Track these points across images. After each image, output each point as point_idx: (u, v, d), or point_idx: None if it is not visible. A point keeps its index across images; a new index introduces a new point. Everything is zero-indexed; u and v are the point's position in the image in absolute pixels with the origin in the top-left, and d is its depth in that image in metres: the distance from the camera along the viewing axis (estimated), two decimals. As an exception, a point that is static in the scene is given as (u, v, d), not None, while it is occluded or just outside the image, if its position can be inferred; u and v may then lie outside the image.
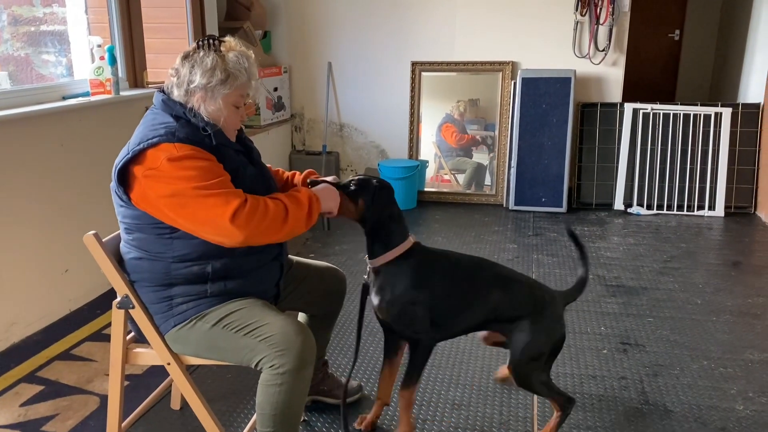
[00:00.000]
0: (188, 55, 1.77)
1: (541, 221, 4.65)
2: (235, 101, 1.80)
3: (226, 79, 1.74)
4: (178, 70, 1.77)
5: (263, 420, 1.73)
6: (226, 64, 1.74)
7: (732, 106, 4.79)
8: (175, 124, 1.72)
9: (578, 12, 4.79)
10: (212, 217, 1.63)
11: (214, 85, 1.74)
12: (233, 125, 1.85)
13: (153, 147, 1.67)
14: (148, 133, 1.70)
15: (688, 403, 2.36)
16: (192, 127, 1.74)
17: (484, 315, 2.01)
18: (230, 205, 1.63)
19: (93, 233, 1.74)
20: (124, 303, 1.80)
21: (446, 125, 5.14)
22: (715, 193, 4.76)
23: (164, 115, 1.76)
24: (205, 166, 1.67)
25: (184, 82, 1.76)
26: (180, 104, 1.76)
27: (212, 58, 1.74)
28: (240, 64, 1.77)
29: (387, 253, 1.94)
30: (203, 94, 1.75)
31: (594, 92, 5.00)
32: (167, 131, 1.69)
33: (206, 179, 1.65)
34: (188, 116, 1.74)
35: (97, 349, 2.79)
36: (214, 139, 1.74)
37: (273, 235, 1.70)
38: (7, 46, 3.36)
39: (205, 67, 1.73)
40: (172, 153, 1.65)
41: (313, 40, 5.34)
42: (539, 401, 2.38)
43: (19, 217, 2.86)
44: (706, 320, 3.04)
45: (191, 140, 1.69)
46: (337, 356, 2.70)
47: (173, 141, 1.67)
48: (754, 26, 5.24)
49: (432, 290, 1.95)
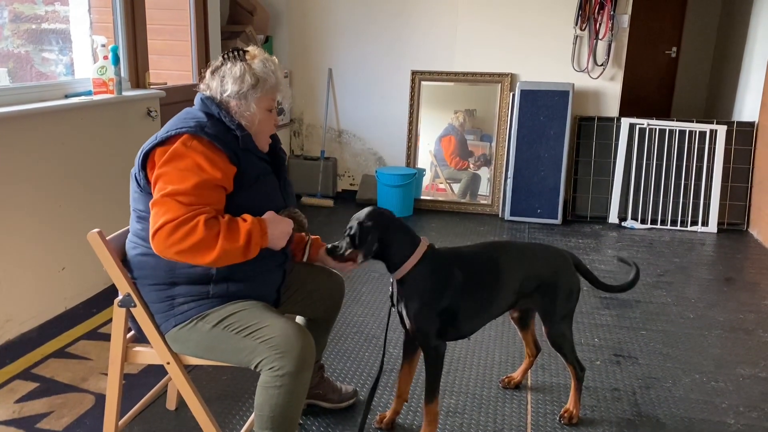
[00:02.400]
0: (216, 69, 1.84)
1: (536, 232, 4.68)
2: (268, 105, 1.86)
3: (257, 84, 1.81)
4: (208, 85, 1.84)
5: (261, 421, 1.74)
6: (254, 70, 1.81)
7: (727, 124, 4.85)
8: (206, 120, 1.77)
9: (578, 26, 4.84)
10: (155, 216, 1.67)
11: (246, 91, 1.80)
12: (268, 130, 1.89)
13: (179, 135, 1.71)
14: (178, 123, 1.76)
15: (680, 416, 2.39)
16: (222, 126, 1.78)
17: (514, 296, 2.14)
18: (162, 217, 1.64)
19: (97, 231, 1.75)
20: (126, 301, 1.80)
21: (448, 137, 5.17)
22: (709, 209, 4.81)
23: (198, 112, 1.81)
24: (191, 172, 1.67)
25: (216, 93, 1.82)
26: (217, 105, 1.81)
27: (240, 66, 1.80)
28: (267, 68, 1.83)
29: (405, 264, 1.97)
30: (237, 101, 1.81)
31: (591, 106, 5.05)
32: (197, 124, 1.74)
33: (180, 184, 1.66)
34: (222, 117, 1.79)
35: (93, 347, 2.79)
36: (241, 142, 1.78)
37: (197, 258, 1.66)
38: (7, 42, 3.37)
39: (235, 75, 1.80)
40: (186, 143, 1.69)
41: (314, 46, 5.37)
42: (533, 409, 2.40)
43: (17, 214, 2.86)
44: (698, 334, 3.07)
45: (218, 138, 1.73)
46: (332, 361, 2.71)
47: (200, 134, 1.71)
48: (750, 46, 5.31)
49: (459, 288, 2.00)
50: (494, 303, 2.11)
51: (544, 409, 2.41)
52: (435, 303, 1.98)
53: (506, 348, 2.87)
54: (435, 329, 2.00)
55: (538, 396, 2.50)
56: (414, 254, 1.98)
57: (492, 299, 2.10)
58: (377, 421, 2.25)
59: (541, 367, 2.71)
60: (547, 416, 2.36)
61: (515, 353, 2.82)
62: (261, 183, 1.82)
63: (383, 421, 2.24)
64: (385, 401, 2.41)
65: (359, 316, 3.15)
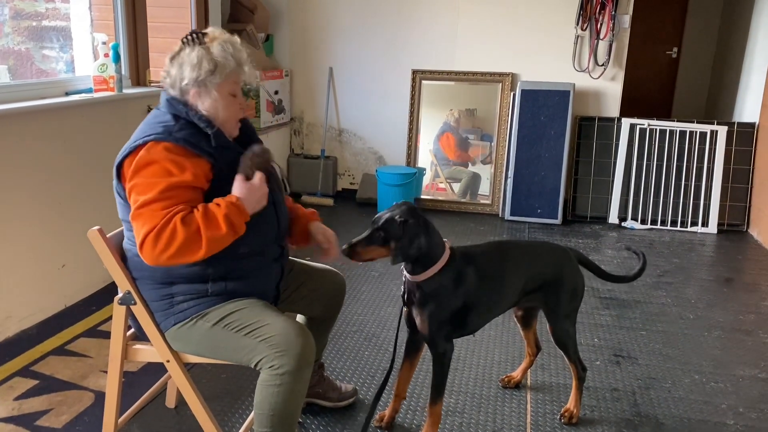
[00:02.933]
0: (175, 55, 1.78)
1: (536, 232, 4.67)
2: (231, 89, 1.80)
3: (215, 69, 1.75)
4: (168, 72, 1.79)
5: (261, 420, 1.74)
6: (212, 54, 1.75)
7: (728, 125, 4.85)
8: (173, 124, 1.73)
9: (579, 26, 4.84)
10: (134, 233, 1.66)
11: (204, 78, 1.74)
12: (234, 115, 1.83)
13: (146, 144, 1.68)
14: (146, 130, 1.72)
15: (679, 416, 2.39)
16: (192, 128, 1.74)
17: (519, 294, 2.15)
18: (142, 230, 1.63)
19: (98, 228, 1.75)
20: (126, 299, 1.80)
21: (446, 134, 5.17)
22: (709, 210, 4.81)
23: (165, 115, 1.77)
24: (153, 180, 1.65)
25: (176, 81, 1.77)
26: (183, 103, 1.77)
27: (197, 51, 1.75)
28: (226, 51, 1.77)
29: (429, 269, 1.94)
30: (197, 89, 1.76)
31: (592, 106, 5.05)
32: (165, 129, 1.70)
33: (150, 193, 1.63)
34: (190, 117, 1.75)
35: (92, 345, 2.79)
36: (213, 140, 1.74)
37: (187, 257, 1.65)
38: (8, 40, 3.36)
39: (192, 61, 1.74)
40: (148, 155, 1.66)
41: (315, 45, 5.37)
42: (532, 408, 2.39)
43: (18, 211, 2.86)
44: (698, 335, 3.07)
45: (186, 141, 1.70)
46: (332, 360, 2.71)
47: (168, 140, 1.68)
48: (751, 47, 5.31)
49: (472, 289, 2.01)
50: (501, 301, 2.12)
51: (543, 408, 2.41)
52: (450, 306, 1.98)
53: (506, 347, 2.87)
54: (446, 332, 2.00)
55: (538, 395, 2.50)
56: (441, 259, 1.95)
57: (499, 297, 2.11)
58: (377, 420, 2.25)
59: (540, 367, 2.71)
60: (546, 416, 2.36)
61: (515, 353, 2.82)
62: None
63: (383, 420, 2.24)
64: (384, 400, 2.41)
65: (359, 315, 3.15)
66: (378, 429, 2.23)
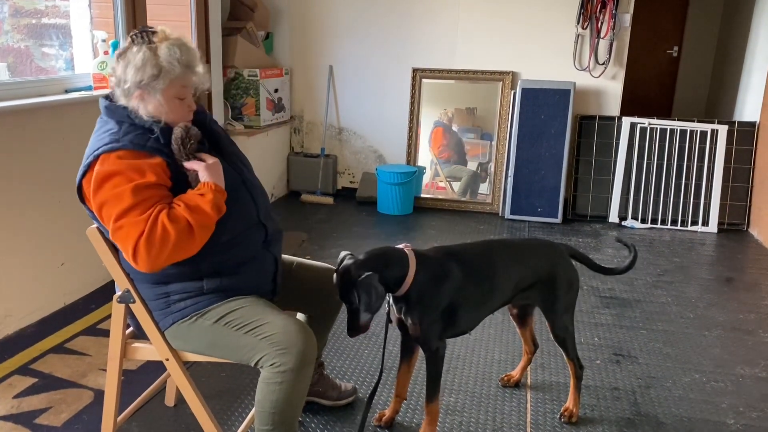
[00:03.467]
0: (122, 53, 1.70)
1: (536, 231, 4.67)
2: (177, 93, 1.72)
3: (159, 74, 1.67)
4: (114, 69, 1.72)
5: (262, 417, 1.74)
6: (158, 58, 1.67)
7: (728, 124, 4.84)
8: (118, 129, 1.68)
9: (579, 25, 4.83)
10: (122, 245, 1.62)
11: (147, 82, 1.67)
12: (180, 118, 1.75)
13: (97, 158, 1.64)
14: (95, 144, 1.68)
15: (679, 415, 2.38)
16: (137, 129, 1.68)
17: (512, 291, 2.14)
18: (130, 241, 1.58)
19: (96, 226, 1.74)
20: (125, 297, 1.80)
21: (436, 129, 5.17)
22: (709, 209, 4.81)
23: (109, 122, 1.72)
24: (119, 191, 1.60)
25: (120, 82, 1.70)
26: (122, 107, 1.71)
27: (143, 53, 1.66)
28: (172, 56, 1.68)
29: (403, 284, 1.94)
30: (140, 91, 1.68)
31: (593, 105, 5.04)
32: (111, 139, 1.66)
33: (121, 204, 1.59)
34: (132, 119, 1.69)
35: (92, 343, 2.79)
36: (162, 138, 1.70)
37: (184, 253, 1.64)
38: (7, 37, 3.36)
39: (137, 64, 1.66)
40: (104, 168, 1.62)
41: (315, 43, 5.36)
42: (532, 407, 2.39)
43: (17, 209, 2.85)
44: (698, 334, 3.07)
45: (135, 144, 1.66)
46: (332, 358, 2.71)
47: (116, 149, 1.63)
48: (752, 46, 5.30)
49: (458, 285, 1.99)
50: (492, 297, 2.11)
51: (543, 407, 2.40)
52: (438, 305, 1.97)
53: (506, 346, 2.87)
54: (438, 331, 2.00)
55: (538, 395, 2.49)
56: (409, 269, 1.94)
57: (490, 293, 2.09)
58: (376, 419, 2.24)
59: (540, 366, 2.70)
60: (546, 415, 2.36)
61: (515, 351, 2.82)
62: None
63: (382, 419, 2.23)
64: (384, 399, 2.41)
65: (359, 314, 3.14)
66: (378, 428, 2.23)
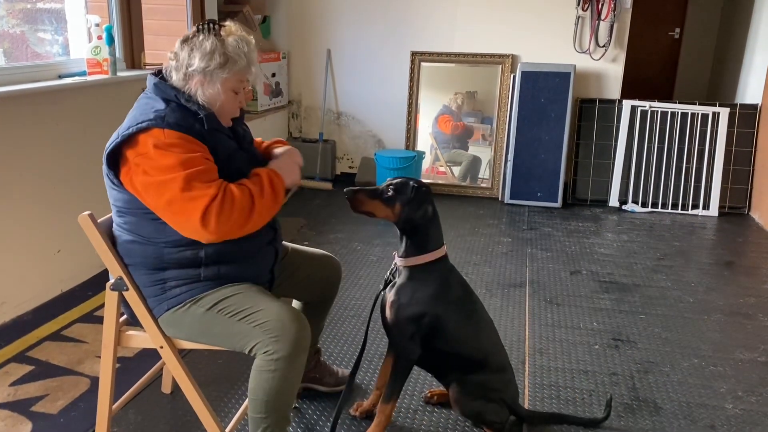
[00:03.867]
0: (187, 39, 1.75)
1: (536, 216, 4.65)
2: (234, 86, 1.78)
3: (225, 63, 1.72)
4: (177, 54, 1.75)
5: (255, 405, 1.73)
6: (226, 48, 1.72)
7: (730, 107, 4.80)
8: (165, 108, 1.70)
9: (580, 7, 4.77)
10: (185, 212, 1.63)
11: (212, 69, 1.72)
12: (231, 111, 1.82)
13: (143, 131, 1.65)
14: (139, 117, 1.68)
15: (677, 400, 2.37)
16: (183, 111, 1.71)
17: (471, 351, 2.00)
18: (199, 207, 1.61)
19: (88, 213, 1.72)
20: (118, 285, 1.78)
21: (443, 116, 5.13)
22: (710, 192, 4.78)
23: (156, 99, 1.74)
24: (188, 156, 1.64)
25: (182, 65, 1.74)
26: (172, 88, 1.74)
27: (212, 41, 1.72)
28: (239, 48, 1.74)
29: (420, 255, 1.92)
30: (202, 77, 1.73)
31: (593, 88, 4.99)
32: (157, 116, 1.67)
33: (187, 168, 1.62)
34: (180, 100, 1.72)
35: (88, 330, 2.78)
36: (206, 123, 1.72)
37: (240, 228, 1.68)
38: (2, 22, 3.32)
39: (204, 50, 1.71)
40: (160, 139, 1.64)
41: (312, 27, 5.31)
42: (530, 394, 2.38)
43: (12, 195, 2.83)
44: (697, 319, 3.05)
45: (181, 126, 1.67)
46: (329, 344, 2.70)
47: (162, 126, 1.65)
48: (755, 27, 5.24)
49: (446, 309, 1.94)
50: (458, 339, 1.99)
51: (541, 393, 2.40)
52: (423, 308, 1.91)
53: (503, 332, 2.86)
54: (412, 331, 1.92)
55: (536, 380, 2.48)
56: (433, 252, 1.92)
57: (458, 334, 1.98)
58: (353, 409, 2.21)
59: (539, 352, 2.69)
60: (544, 401, 2.35)
61: (513, 337, 2.81)
62: (232, 160, 1.77)
63: (359, 409, 2.21)
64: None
65: (357, 300, 3.13)
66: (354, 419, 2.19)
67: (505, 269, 3.61)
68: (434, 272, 1.94)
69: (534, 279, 3.47)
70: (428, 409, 2.27)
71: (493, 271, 3.58)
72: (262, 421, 1.74)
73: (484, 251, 3.88)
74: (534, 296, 3.25)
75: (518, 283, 3.41)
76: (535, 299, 3.21)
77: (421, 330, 1.93)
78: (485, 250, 3.91)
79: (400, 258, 1.97)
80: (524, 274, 3.53)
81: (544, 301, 3.19)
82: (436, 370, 2.09)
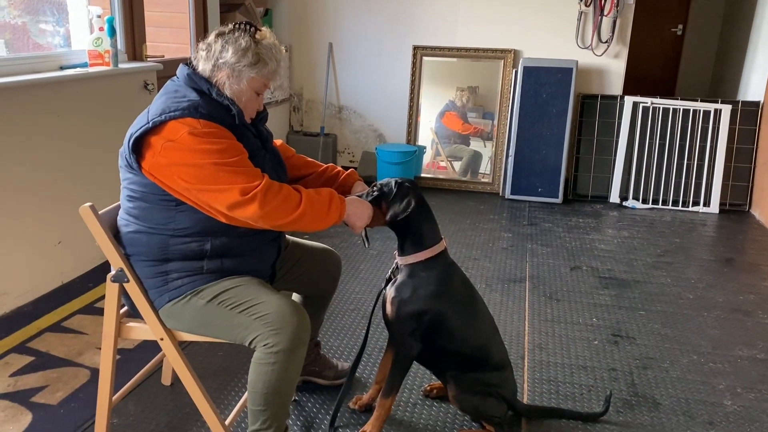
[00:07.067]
0: (223, 33, 1.78)
1: (537, 211, 4.65)
2: (258, 88, 1.80)
3: (256, 63, 1.75)
4: (210, 45, 1.78)
5: (255, 398, 1.73)
6: (260, 49, 1.76)
7: (732, 103, 4.79)
8: (198, 99, 1.71)
9: (582, 2, 4.76)
10: (230, 189, 1.64)
11: (242, 66, 1.74)
12: (251, 111, 1.84)
13: (175, 120, 1.65)
14: (171, 105, 1.69)
15: (676, 396, 2.38)
16: (215, 104, 1.73)
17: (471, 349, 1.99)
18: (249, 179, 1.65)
19: (89, 205, 1.72)
20: (119, 277, 1.78)
21: (449, 113, 5.11)
22: (711, 189, 4.77)
23: (188, 89, 1.75)
24: (226, 144, 1.67)
25: (213, 56, 1.76)
26: (206, 80, 1.76)
27: (247, 40, 1.75)
28: (272, 53, 1.78)
29: (418, 253, 1.92)
30: (230, 71, 1.75)
31: (595, 84, 4.98)
32: (191, 105, 1.68)
33: (228, 156, 1.66)
34: (212, 93, 1.74)
35: (89, 322, 2.78)
36: (237, 118, 1.75)
37: (281, 215, 1.69)
38: (3, 13, 3.31)
39: (239, 46, 1.74)
40: (195, 127, 1.65)
41: (314, 20, 5.29)
42: (529, 388, 2.39)
43: (13, 187, 2.83)
44: (697, 315, 3.05)
45: (214, 118, 1.69)
46: (329, 338, 2.70)
47: (196, 116, 1.66)
48: (758, 24, 5.22)
49: (447, 306, 1.93)
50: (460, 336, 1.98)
51: (540, 388, 2.40)
52: (425, 305, 1.91)
53: (502, 327, 2.86)
54: (412, 327, 1.92)
55: (535, 375, 2.49)
56: (431, 248, 1.92)
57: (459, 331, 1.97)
58: (353, 402, 2.22)
59: (538, 347, 2.70)
60: (543, 395, 2.35)
61: (512, 332, 2.81)
62: (257, 158, 1.79)
63: (358, 402, 2.21)
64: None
65: (357, 294, 3.13)
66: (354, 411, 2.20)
67: (506, 264, 3.61)
68: (434, 269, 1.94)
69: (534, 274, 3.47)
70: (427, 403, 2.28)
71: (494, 266, 3.58)
72: (261, 414, 1.74)
73: (484, 246, 3.88)
74: (534, 291, 3.25)
75: (518, 279, 3.41)
76: (535, 294, 3.22)
77: (422, 327, 1.92)
78: (485, 245, 3.91)
79: (399, 257, 1.97)
80: (524, 270, 3.54)
81: (543, 297, 3.19)
82: (435, 365, 2.09)
